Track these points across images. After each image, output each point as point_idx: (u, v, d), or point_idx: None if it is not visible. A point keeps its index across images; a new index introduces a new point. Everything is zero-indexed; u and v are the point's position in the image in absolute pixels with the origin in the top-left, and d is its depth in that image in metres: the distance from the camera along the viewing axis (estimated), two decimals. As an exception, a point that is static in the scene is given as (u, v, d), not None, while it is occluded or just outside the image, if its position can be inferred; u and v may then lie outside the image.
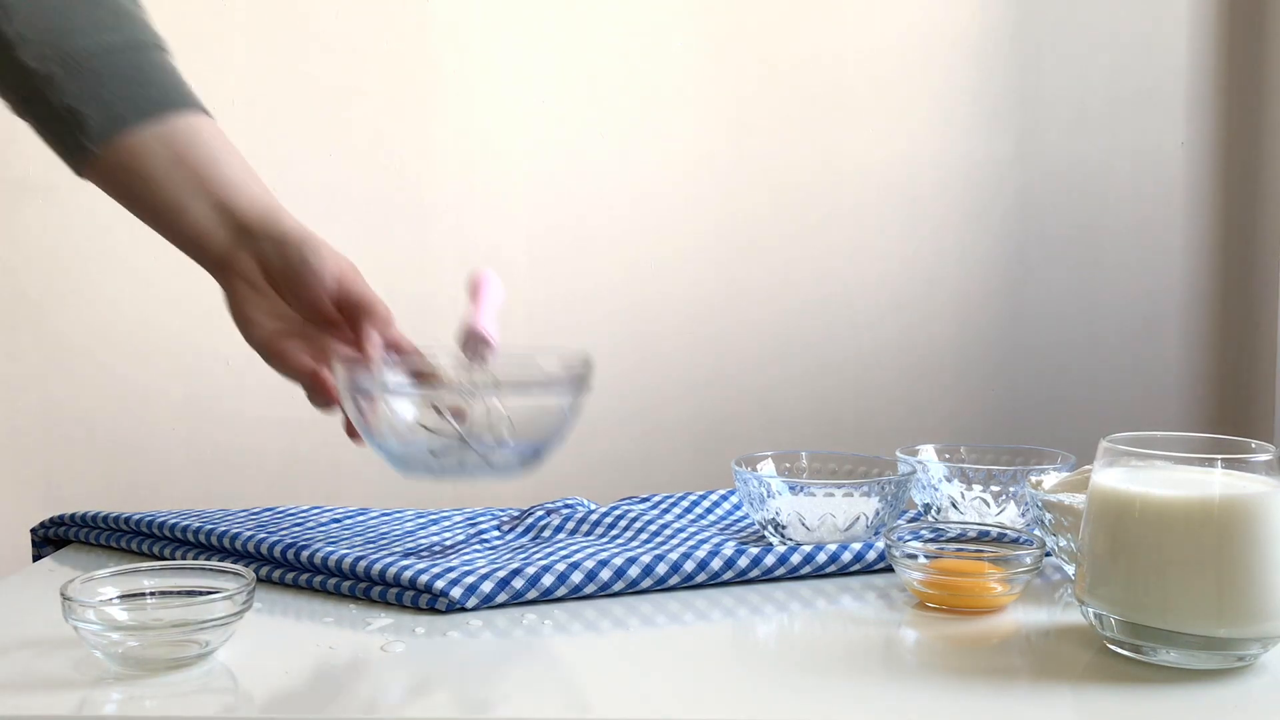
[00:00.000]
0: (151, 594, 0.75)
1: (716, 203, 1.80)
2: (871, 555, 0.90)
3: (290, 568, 0.88)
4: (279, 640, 0.77)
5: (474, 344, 0.90)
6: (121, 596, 0.75)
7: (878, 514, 0.93)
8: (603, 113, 1.78)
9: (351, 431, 0.87)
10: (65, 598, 0.70)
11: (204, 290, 1.72)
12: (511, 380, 0.88)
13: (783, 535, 0.94)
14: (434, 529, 1.00)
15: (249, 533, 0.93)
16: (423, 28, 1.74)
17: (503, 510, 1.08)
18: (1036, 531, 0.93)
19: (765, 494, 0.94)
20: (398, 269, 1.73)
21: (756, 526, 1.00)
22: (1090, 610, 0.72)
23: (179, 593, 0.76)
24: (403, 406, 0.87)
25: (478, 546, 0.95)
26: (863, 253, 1.83)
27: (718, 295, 1.81)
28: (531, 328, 1.76)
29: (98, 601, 0.73)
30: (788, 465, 1.01)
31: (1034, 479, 0.91)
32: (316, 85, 1.71)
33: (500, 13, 1.75)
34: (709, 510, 1.08)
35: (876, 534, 0.94)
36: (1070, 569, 0.86)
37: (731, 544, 0.92)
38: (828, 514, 0.92)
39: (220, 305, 1.74)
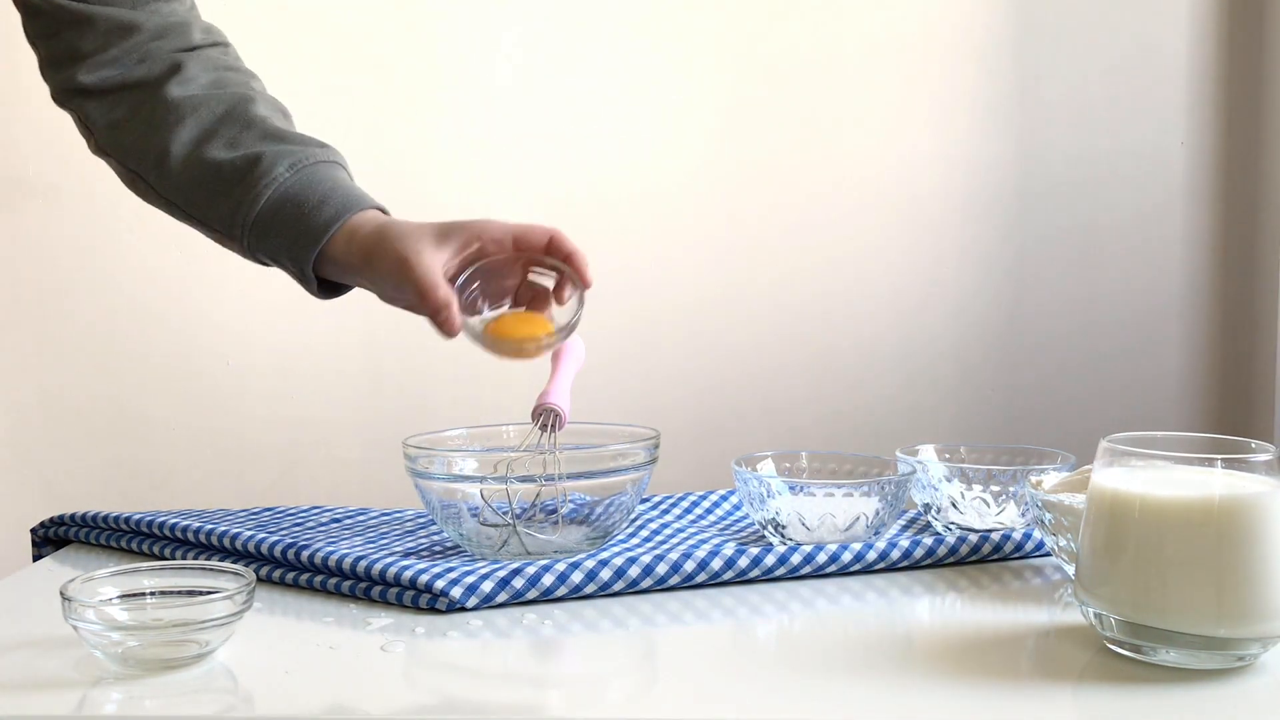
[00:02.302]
0: (151, 594, 0.75)
1: (717, 202, 1.80)
2: (871, 555, 0.90)
3: (290, 568, 0.88)
4: (279, 640, 0.77)
5: (545, 415, 0.92)
6: (121, 596, 0.75)
7: (878, 514, 0.93)
8: (603, 113, 1.78)
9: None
10: (65, 598, 0.70)
11: (204, 290, 1.73)
12: (578, 461, 0.90)
13: (783, 535, 0.94)
14: (434, 528, 1.00)
15: (249, 533, 0.93)
16: (422, 27, 1.74)
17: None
18: (1036, 531, 0.93)
19: (765, 494, 0.94)
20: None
21: (756, 526, 1.00)
22: (1090, 610, 0.72)
23: (179, 593, 0.76)
24: (469, 489, 0.90)
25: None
26: (863, 252, 1.83)
27: (718, 295, 1.81)
28: (531, 328, 1.75)
29: (98, 601, 0.73)
30: (788, 465, 1.01)
31: (1034, 479, 0.91)
32: (316, 84, 1.71)
33: (500, 12, 1.75)
34: (709, 510, 1.08)
35: (876, 534, 0.94)
36: (1070, 569, 0.86)
37: (731, 544, 0.92)
38: (828, 514, 0.92)
39: (219, 305, 1.74)
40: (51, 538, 1.02)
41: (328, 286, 0.95)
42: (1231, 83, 1.83)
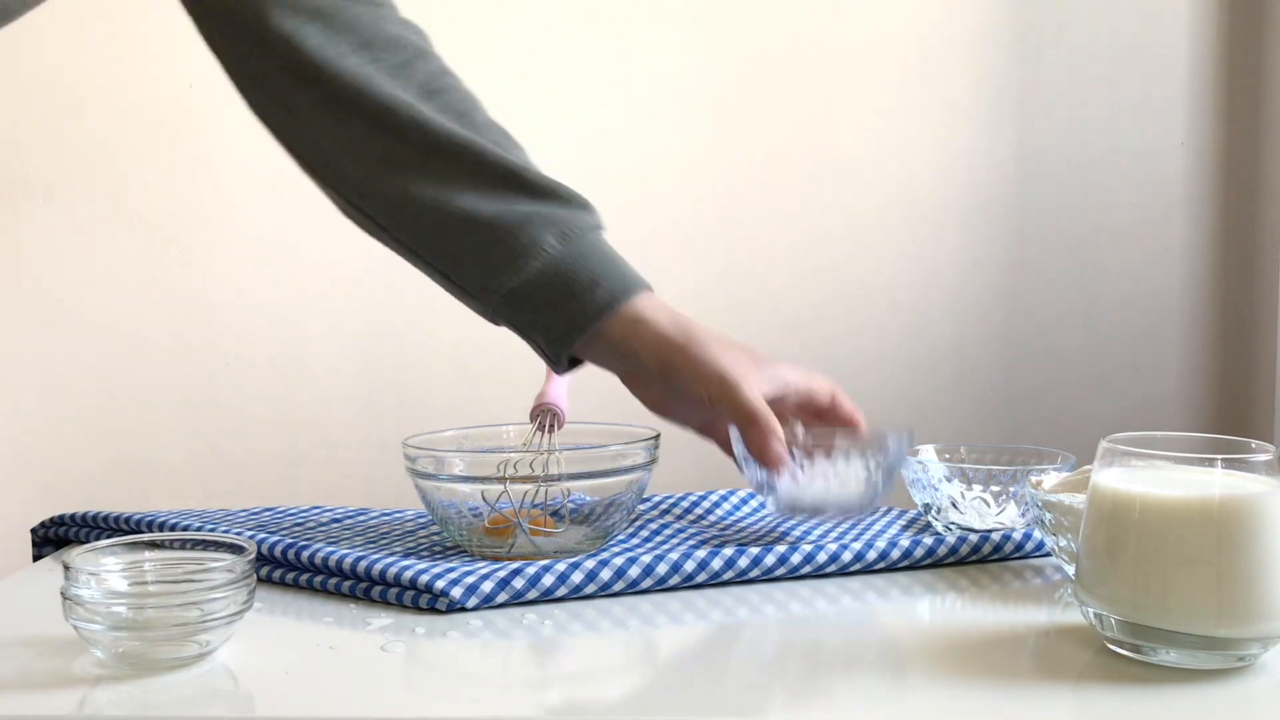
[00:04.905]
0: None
1: (716, 202, 1.80)
2: (871, 555, 0.90)
3: (290, 568, 0.88)
4: (279, 640, 0.77)
5: (544, 415, 0.92)
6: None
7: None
8: (602, 113, 1.78)
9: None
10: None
11: (204, 290, 1.73)
12: (578, 461, 0.90)
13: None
14: (435, 528, 1.00)
15: (249, 533, 0.93)
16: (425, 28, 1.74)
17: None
18: (1036, 531, 0.93)
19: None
20: (397, 269, 1.72)
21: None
22: (1090, 610, 0.72)
23: (178, 580, 0.76)
24: (466, 489, 0.90)
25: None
26: (863, 253, 1.83)
27: (716, 295, 1.81)
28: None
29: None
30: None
31: (1034, 479, 0.91)
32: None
33: (499, 12, 1.75)
34: (709, 510, 1.08)
35: (878, 534, 0.94)
36: (1070, 569, 0.86)
37: (731, 544, 0.92)
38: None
39: (219, 305, 1.74)
40: (51, 538, 1.02)
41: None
42: (1231, 83, 1.83)
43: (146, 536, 0.78)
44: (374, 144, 0.84)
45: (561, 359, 0.87)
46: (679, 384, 0.85)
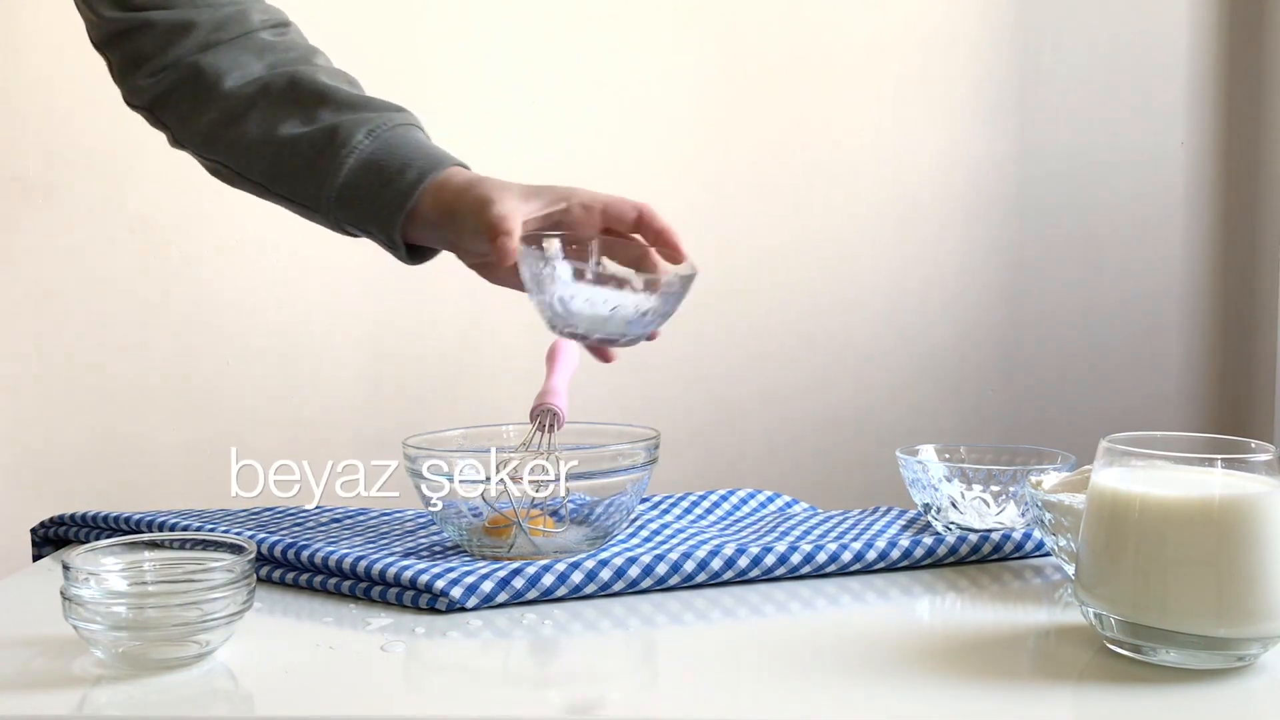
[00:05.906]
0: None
1: (714, 201, 1.80)
2: (871, 555, 0.90)
3: (290, 568, 0.88)
4: (279, 640, 0.77)
5: (544, 415, 0.92)
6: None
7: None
8: (597, 111, 1.78)
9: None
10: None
11: (204, 290, 1.73)
12: (579, 461, 0.89)
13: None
14: (434, 528, 1.00)
15: (249, 533, 0.93)
16: (414, 28, 1.74)
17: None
18: (1036, 531, 0.93)
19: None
20: (394, 270, 1.72)
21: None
22: (1090, 610, 0.72)
23: (179, 581, 0.76)
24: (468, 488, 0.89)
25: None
26: (862, 252, 1.83)
27: (716, 295, 1.81)
28: (528, 327, 1.75)
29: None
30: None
31: (1034, 479, 0.91)
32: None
33: (493, 12, 1.75)
34: (709, 510, 1.08)
35: (878, 534, 0.94)
36: (1070, 569, 0.86)
37: (732, 544, 0.92)
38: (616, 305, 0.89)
39: (218, 306, 1.74)
40: (51, 538, 1.02)
41: (415, 251, 0.94)
42: (1232, 83, 1.83)
43: (146, 536, 0.78)
44: (209, 110, 0.96)
45: (397, 244, 0.92)
46: (461, 227, 0.89)
